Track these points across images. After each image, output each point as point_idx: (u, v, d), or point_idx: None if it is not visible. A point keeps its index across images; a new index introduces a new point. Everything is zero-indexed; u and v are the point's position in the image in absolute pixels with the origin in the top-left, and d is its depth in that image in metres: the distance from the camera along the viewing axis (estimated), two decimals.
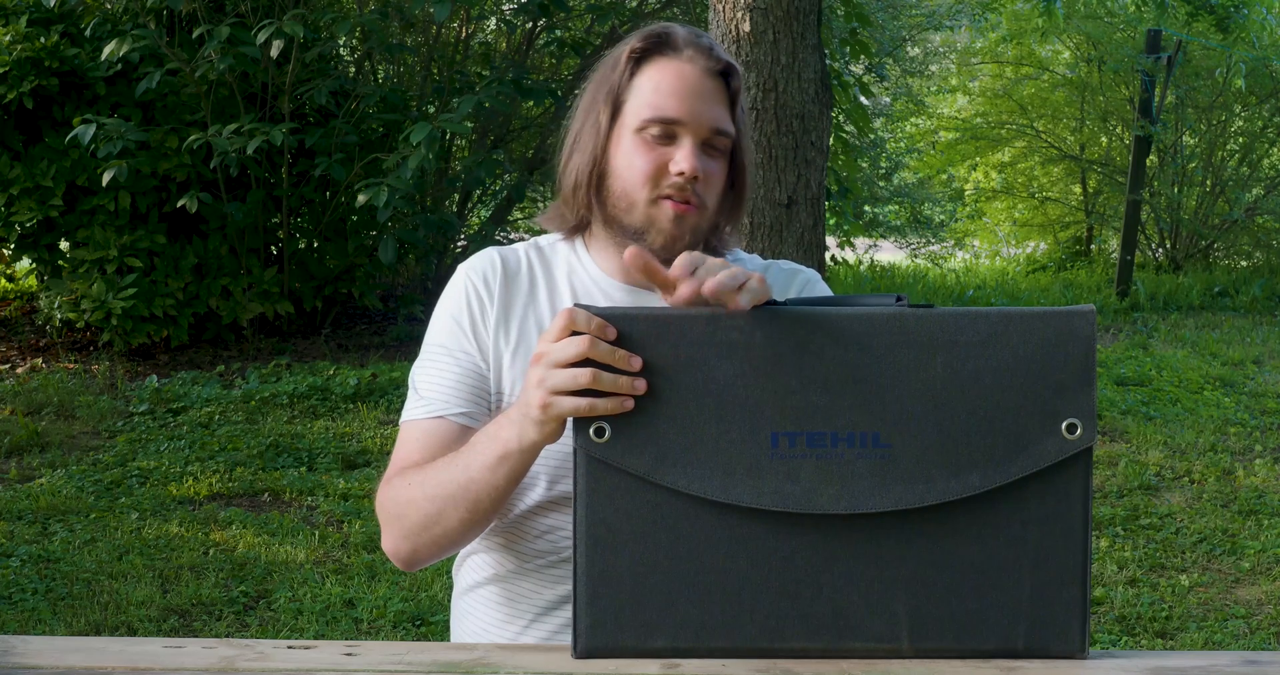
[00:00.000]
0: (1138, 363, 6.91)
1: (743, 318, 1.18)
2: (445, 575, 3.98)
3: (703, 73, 1.48)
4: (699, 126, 1.46)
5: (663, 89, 1.47)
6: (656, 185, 1.46)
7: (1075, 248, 12.11)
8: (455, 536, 1.41)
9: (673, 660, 1.18)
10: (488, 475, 1.33)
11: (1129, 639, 3.67)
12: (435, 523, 1.39)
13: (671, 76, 1.47)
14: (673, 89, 1.46)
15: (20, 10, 6.48)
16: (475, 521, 1.38)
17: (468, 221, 8.74)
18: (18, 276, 7.96)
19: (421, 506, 1.39)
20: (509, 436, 1.29)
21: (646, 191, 1.46)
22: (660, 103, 1.46)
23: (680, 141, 1.46)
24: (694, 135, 1.46)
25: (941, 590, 1.18)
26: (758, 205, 4.47)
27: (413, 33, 8.03)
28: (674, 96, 1.46)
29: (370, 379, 6.03)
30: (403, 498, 1.42)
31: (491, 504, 1.36)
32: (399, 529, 1.44)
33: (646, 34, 1.51)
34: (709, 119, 1.46)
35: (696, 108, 1.46)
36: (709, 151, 1.47)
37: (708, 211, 1.48)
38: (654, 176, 1.46)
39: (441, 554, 1.45)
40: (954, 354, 1.18)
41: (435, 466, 1.40)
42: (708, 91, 1.47)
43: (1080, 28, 10.55)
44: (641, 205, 1.47)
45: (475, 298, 1.54)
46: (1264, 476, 5.07)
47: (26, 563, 4.04)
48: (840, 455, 1.17)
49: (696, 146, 1.46)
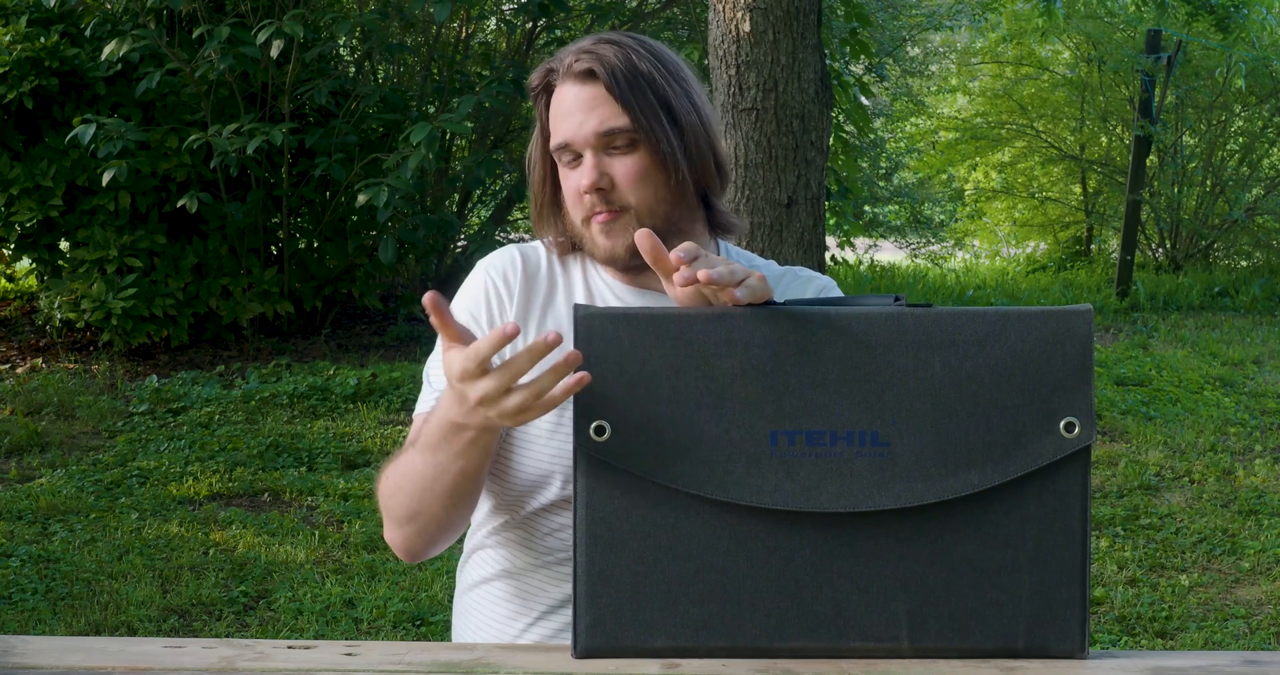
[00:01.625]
0: (1138, 363, 6.91)
1: (743, 318, 1.18)
2: (446, 575, 3.98)
3: (575, 83, 1.49)
4: (585, 138, 1.47)
5: (556, 117, 1.51)
6: (580, 207, 1.50)
7: (1075, 248, 12.11)
8: (441, 521, 1.43)
9: (673, 660, 1.18)
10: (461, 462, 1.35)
11: (1129, 639, 3.67)
12: (419, 510, 1.42)
13: (557, 103, 1.51)
14: (558, 114, 1.50)
15: (20, 10, 6.48)
16: (455, 506, 1.41)
17: (468, 221, 8.74)
18: (18, 276, 7.97)
19: (401, 497, 1.43)
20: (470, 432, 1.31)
21: (578, 215, 1.51)
22: (555, 131, 1.50)
23: (582, 160, 1.49)
24: (589, 149, 1.48)
25: (941, 589, 1.18)
26: (757, 205, 4.47)
27: (413, 33, 8.03)
28: (560, 120, 1.50)
29: (370, 379, 6.03)
30: (388, 489, 1.46)
31: (470, 485, 1.38)
32: (391, 519, 1.47)
33: (539, 69, 1.55)
34: (590, 126, 1.47)
35: (575, 122, 1.48)
36: (611, 154, 1.48)
37: (640, 209, 1.49)
38: (576, 201, 1.50)
39: (436, 542, 1.47)
40: (952, 353, 1.18)
41: (409, 456, 1.42)
42: (584, 101, 1.48)
43: (1080, 28, 10.55)
44: (579, 229, 1.52)
45: (495, 295, 1.56)
46: (1264, 476, 5.07)
47: (26, 563, 4.04)
48: (839, 454, 1.17)
49: (595, 158, 1.48)
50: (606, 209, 1.48)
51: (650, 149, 1.48)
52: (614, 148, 1.48)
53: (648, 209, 1.49)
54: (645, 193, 1.49)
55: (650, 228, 1.48)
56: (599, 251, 1.51)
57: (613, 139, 1.47)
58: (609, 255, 1.50)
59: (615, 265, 1.52)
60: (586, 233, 1.51)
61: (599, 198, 1.47)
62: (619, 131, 1.47)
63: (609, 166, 1.48)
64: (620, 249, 1.49)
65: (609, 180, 1.47)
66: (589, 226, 1.50)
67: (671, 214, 1.51)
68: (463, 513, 1.43)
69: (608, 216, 1.48)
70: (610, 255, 1.50)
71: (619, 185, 1.48)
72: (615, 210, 1.48)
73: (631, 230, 1.48)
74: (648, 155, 1.48)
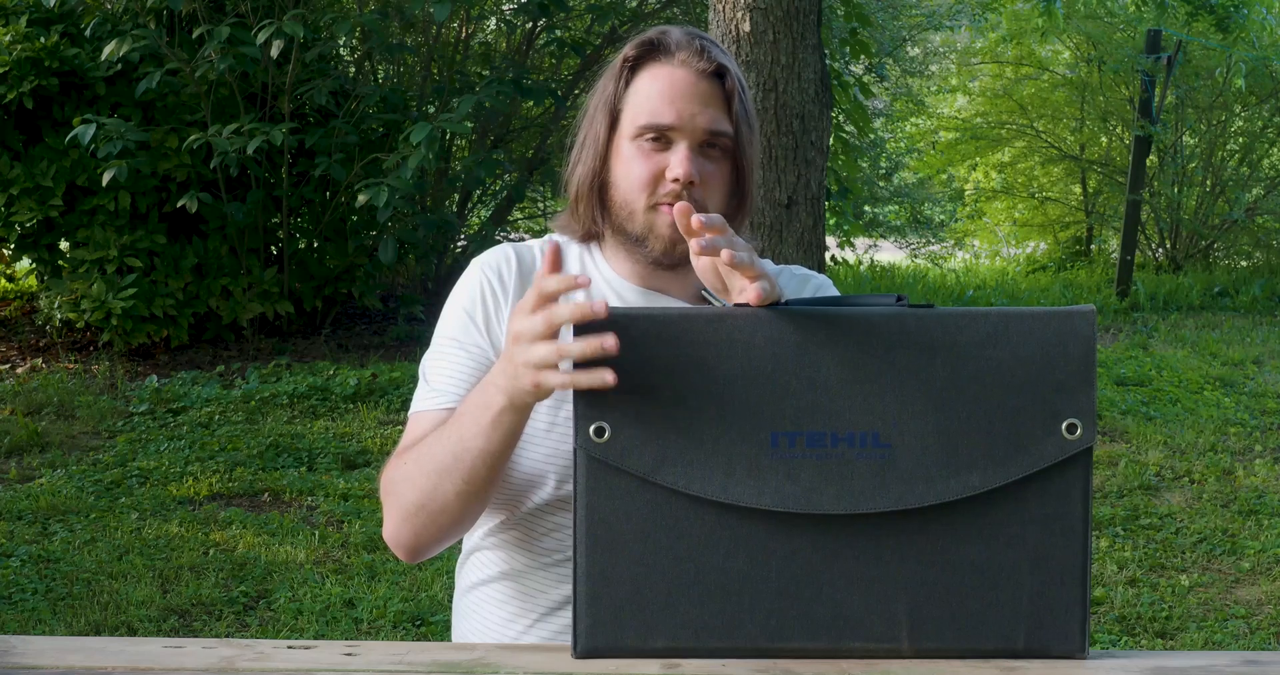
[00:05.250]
0: (1138, 363, 6.91)
1: (743, 319, 1.18)
2: (446, 575, 3.98)
3: (695, 75, 1.48)
4: (693, 130, 1.46)
5: (655, 95, 1.47)
6: (653, 192, 1.47)
7: (1075, 248, 12.11)
8: (454, 513, 1.39)
9: (673, 660, 1.18)
10: (481, 441, 1.33)
11: (1129, 639, 3.67)
12: (431, 497, 1.38)
13: (663, 82, 1.48)
14: (664, 94, 1.47)
15: (20, 10, 6.48)
16: (471, 494, 1.37)
17: (468, 221, 8.74)
18: (18, 276, 7.96)
19: (418, 482, 1.40)
20: (500, 402, 1.30)
21: (644, 199, 1.48)
22: (653, 109, 1.47)
23: (675, 147, 1.46)
24: (688, 139, 1.46)
25: (941, 590, 1.18)
26: (757, 205, 4.47)
27: (413, 33, 8.03)
28: (666, 102, 1.47)
29: (370, 379, 6.03)
30: (400, 476, 1.43)
31: (487, 472, 1.35)
32: (398, 510, 1.43)
33: (641, 41, 1.52)
34: (703, 121, 1.46)
35: (689, 111, 1.46)
36: (706, 154, 1.47)
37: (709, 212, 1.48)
38: (650, 184, 1.47)
39: (441, 538, 1.44)
40: (954, 354, 1.18)
41: (428, 441, 1.40)
42: (701, 94, 1.47)
43: (1080, 28, 10.55)
44: (640, 213, 1.49)
45: (489, 292, 1.55)
46: (1264, 476, 5.07)
47: (26, 563, 4.04)
48: (840, 455, 1.17)
49: (692, 151, 1.46)
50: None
51: (737, 163, 1.49)
52: (711, 150, 1.48)
53: None
54: (719, 200, 1.49)
55: None
56: (659, 242, 1.48)
57: (715, 141, 1.47)
58: (668, 246, 1.48)
59: (667, 257, 1.49)
60: (647, 219, 1.48)
61: (686, 191, 1.46)
62: (725, 136, 1.47)
63: (700, 165, 1.47)
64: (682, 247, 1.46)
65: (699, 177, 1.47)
66: (655, 213, 1.48)
67: None
68: (473, 507, 1.41)
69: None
70: (669, 247, 1.48)
71: (705, 185, 1.47)
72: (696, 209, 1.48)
73: None
74: (731, 168, 1.49)
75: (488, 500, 1.42)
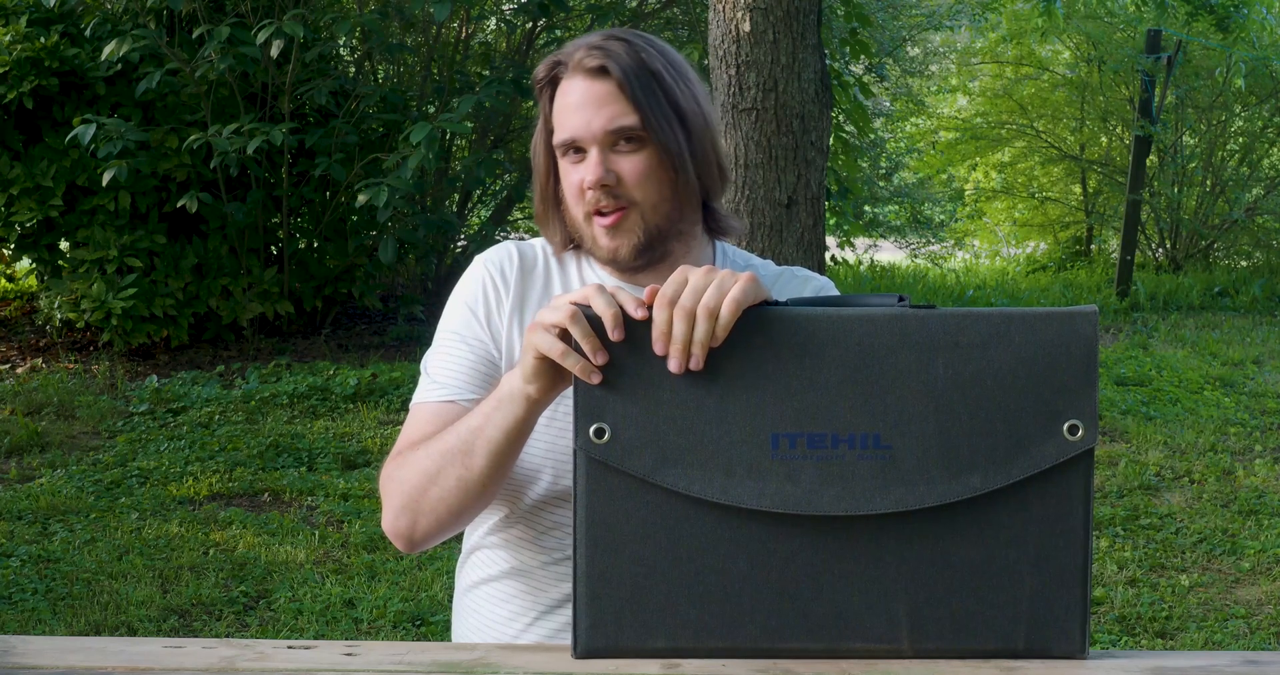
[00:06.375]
0: (1138, 363, 6.90)
1: (743, 319, 1.18)
2: (446, 575, 3.98)
3: (587, 79, 1.49)
4: (593, 135, 1.47)
5: (562, 110, 1.50)
6: (581, 203, 1.50)
7: (1075, 248, 12.11)
8: (452, 502, 1.40)
9: (673, 660, 1.18)
10: (483, 422, 1.35)
11: (1129, 639, 3.67)
12: (433, 482, 1.39)
13: (566, 96, 1.50)
14: (567, 108, 1.49)
15: (20, 10, 6.48)
16: (471, 484, 1.38)
17: (468, 221, 8.74)
18: (18, 276, 7.96)
19: (422, 465, 1.41)
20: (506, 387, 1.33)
21: (579, 211, 1.51)
22: (560, 124, 1.50)
23: (588, 155, 1.49)
24: (596, 145, 1.48)
25: (942, 591, 1.18)
26: (757, 205, 4.47)
27: (413, 33, 8.03)
28: (569, 114, 1.49)
29: (370, 379, 6.03)
30: (403, 464, 1.45)
31: (488, 461, 1.36)
32: (398, 498, 1.44)
33: (546, 61, 1.54)
34: (599, 123, 1.47)
35: (583, 118, 1.48)
36: (619, 151, 1.48)
37: (644, 206, 1.49)
38: (578, 196, 1.50)
39: (439, 529, 1.44)
40: (955, 355, 1.17)
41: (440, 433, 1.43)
42: (596, 97, 1.48)
43: (1080, 28, 10.55)
44: (582, 225, 1.52)
45: (491, 288, 1.56)
46: (1264, 476, 5.07)
47: (26, 563, 4.04)
48: (841, 456, 1.17)
49: (601, 154, 1.47)
50: (613, 205, 1.48)
51: (658, 148, 1.48)
52: (621, 145, 1.48)
53: (651, 207, 1.49)
54: (650, 191, 1.49)
55: (653, 227, 1.49)
56: (600, 251, 1.51)
57: (621, 136, 1.48)
58: (610, 256, 1.51)
59: (616, 266, 1.53)
60: (588, 230, 1.51)
61: (603, 193, 1.47)
62: (629, 130, 1.47)
63: (616, 164, 1.48)
64: (624, 250, 1.50)
65: (615, 177, 1.48)
66: (590, 224, 1.50)
67: (674, 214, 1.51)
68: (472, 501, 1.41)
69: (615, 219, 1.48)
70: (612, 256, 1.51)
71: (625, 182, 1.48)
72: (621, 206, 1.49)
73: (636, 231, 1.49)
74: (655, 155, 1.49)
75: (487, 497, 1.42)
